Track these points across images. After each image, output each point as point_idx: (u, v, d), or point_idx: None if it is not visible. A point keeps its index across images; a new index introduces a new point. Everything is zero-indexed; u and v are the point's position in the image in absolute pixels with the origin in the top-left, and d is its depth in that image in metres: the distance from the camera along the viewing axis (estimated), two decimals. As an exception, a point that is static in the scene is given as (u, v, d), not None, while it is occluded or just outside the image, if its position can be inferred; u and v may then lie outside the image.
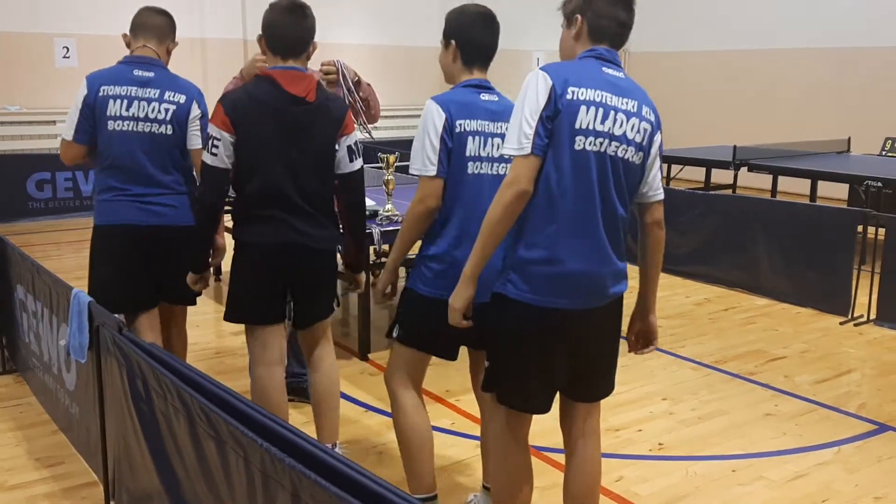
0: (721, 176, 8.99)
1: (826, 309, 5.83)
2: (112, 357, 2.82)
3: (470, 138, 2.73)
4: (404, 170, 4.74)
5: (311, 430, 3.70)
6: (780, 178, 8.38)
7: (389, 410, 4.08)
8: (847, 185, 7.98)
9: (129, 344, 2.65)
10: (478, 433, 3.80)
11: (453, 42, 2.84)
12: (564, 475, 2.72)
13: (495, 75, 2.95)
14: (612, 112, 2.37)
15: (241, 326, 3.39)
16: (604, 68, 2.44)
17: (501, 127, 2.74)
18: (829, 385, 4.51)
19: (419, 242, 2.94)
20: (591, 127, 2.34)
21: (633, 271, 2.47)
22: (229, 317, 3.22)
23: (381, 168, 4.61)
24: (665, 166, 8.89)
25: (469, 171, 2.74)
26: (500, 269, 2.50)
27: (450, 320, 2.52)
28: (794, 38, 11.19)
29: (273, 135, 3.00)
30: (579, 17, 2.51)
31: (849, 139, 9.33)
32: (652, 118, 2.48)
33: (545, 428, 3.91)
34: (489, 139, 2.76)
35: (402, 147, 4.95)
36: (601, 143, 2.36)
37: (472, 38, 2.82)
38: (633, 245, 2.60)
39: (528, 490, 2.64)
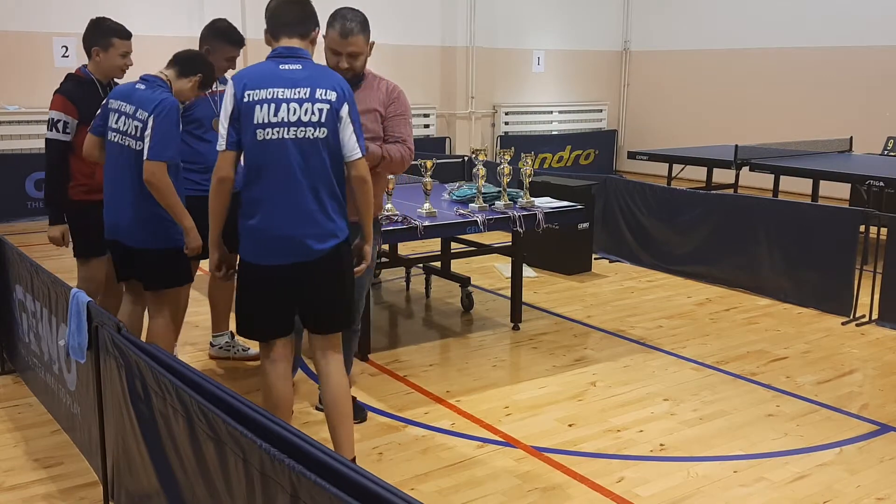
0: (723, 175, 8.96)
1: (828, 309, 5.81)
2: (111, 357, 2.80)
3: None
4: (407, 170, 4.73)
5: (308, 430, 3.69)
6: (782, 178, 8.34)
7: (390, 411, 4.09)
8: (849, 185, 7.95)
9: (128, 344, 2.63)
10: (477, 434, 3.80)
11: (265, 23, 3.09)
12: (320, 390, 3.24)
13: (497, 73, 2.93)
14: (285, 104, 2.89)
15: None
16: (281, 66, 2.95)
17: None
18: (830, 385, 4.50)
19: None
20: (266, 121, 2.88)
21: (633, 270, 2.46)
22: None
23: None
24: (666, 166, 8.88)
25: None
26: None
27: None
28: (796, 36, 11.17)
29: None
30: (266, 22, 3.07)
31: (851, 139, 9.31)
32: (332, 97, 2.93)
33: (546, 429, 3.90)
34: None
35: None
36: (278, 132, 2.89)
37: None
38: (635, 246, 2.58)
39: (288, 391, 3.17)
